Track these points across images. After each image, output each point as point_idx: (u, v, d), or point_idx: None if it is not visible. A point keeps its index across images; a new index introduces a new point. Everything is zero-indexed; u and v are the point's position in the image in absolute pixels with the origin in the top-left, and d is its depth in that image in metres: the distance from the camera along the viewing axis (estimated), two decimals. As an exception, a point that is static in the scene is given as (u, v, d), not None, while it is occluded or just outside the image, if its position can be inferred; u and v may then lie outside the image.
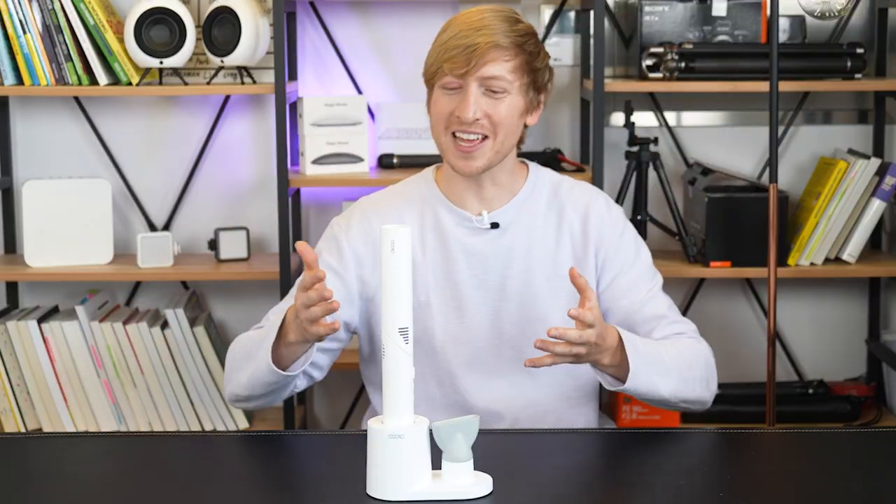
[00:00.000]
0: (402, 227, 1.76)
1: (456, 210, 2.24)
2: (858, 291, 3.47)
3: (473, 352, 2.23)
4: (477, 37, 2.12)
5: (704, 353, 2.22)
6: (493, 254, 2.23)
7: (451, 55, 2.13)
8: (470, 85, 2.14)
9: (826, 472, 1.91)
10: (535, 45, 2.19)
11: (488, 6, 2.20)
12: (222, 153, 3.39)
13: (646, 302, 2.22)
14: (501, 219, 2.24)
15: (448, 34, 2.16)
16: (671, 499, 1.80)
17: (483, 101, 2.15)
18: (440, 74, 2.16)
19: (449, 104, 2.17)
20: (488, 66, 2.13)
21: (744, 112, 3.42)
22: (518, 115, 2.19)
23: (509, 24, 2.16)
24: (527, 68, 2.17)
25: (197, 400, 3.20)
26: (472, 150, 2.16)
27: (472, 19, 2.16)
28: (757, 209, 3.15)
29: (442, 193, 2.26)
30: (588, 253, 2.24)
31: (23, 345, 3.16)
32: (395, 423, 1.76)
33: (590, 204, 2.27)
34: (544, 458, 1.96)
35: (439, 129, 2.19)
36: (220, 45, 3.12)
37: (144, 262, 3.18)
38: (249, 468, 1.97)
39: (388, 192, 2.34)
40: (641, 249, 2.30)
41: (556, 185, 2.29)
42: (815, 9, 3.36)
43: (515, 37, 2.15)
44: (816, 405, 3.28)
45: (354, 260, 2.24)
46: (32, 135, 3.38)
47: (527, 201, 2.26)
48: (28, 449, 2.01)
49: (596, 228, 2.25)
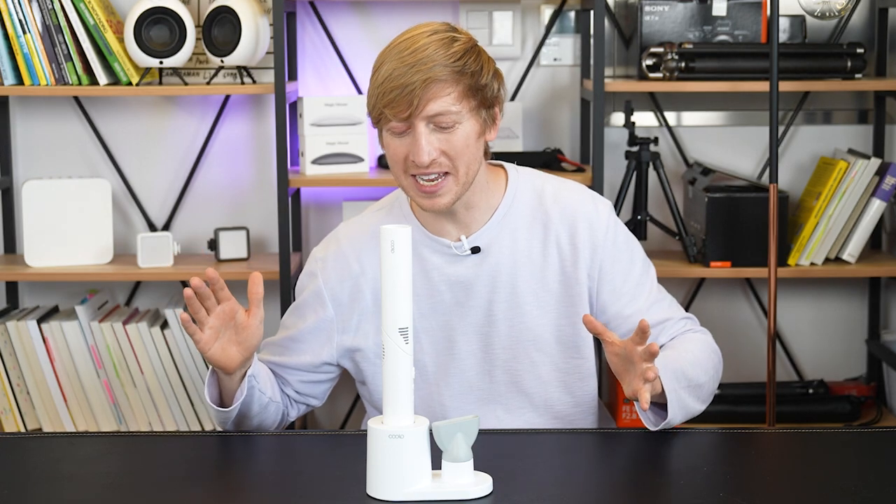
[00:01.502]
0: (402, 227, 1.75)
1: (433, 238, 2.16)
2: (858, 291, 3.47)
3: (465, 381, 2.19)
4: (412, 75, 2.01)
5: (711, 345, 2.20)
6: (477, 278, 2.16)
7: (389, 99, 2.02)
8: (417, 127, 2.03)
9: (826, 472, 1.91)
10: (475, 61, 2.06)
11: (423, 29, 2.07)
12: (222, 153, 3.40)
13: (649, 308, 2.19)
14: (482, 241, 2.16)
15: (383, 74, 2.04)
16: (671, 499, 1.80)
17: (434, 138, 2.04)
18: (384, 119, 2.06)
19: (401, 148, 2.07)
20: (430, 105, 2.02)
21: (744, 112, 3.42)
22: (475, 139, 2.08)
23: (444, 49, 2.03)
24: (471, 91, 2.05)
25: (197, 400, 3.20)
26: (436, 189, 2.07)
27: (404, 52, 2.03)
28: (757, 209, 3.15)
29: (418, 221, 2.18)
30: (579, 267, 2.16)
31: (23, 345, 3.16)
32: (395, 423, 1.76)
33: (578, 211, 2.17)
34: (544, 458, 1.96)
35: (398, 171, 2.10)
36: (220, 45, 3.13)
37: (144, 262, 3.18)
38: (249, 468, 1.97)
39: (364, 223, 2.23)
40: (634, 247, 2.23)
41: (539, 191, 2.20)
42: (815, 9, 3.36)
43: (452, 62, 2.02)
44: (816, 405, 3.27)
45: (332, 298, 2.20)
46: (32, 135, 3.38)
47: (507, 216, 2.17)
48: (28, 449, 2.01)
49: (586, 240, 2.17)
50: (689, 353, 2.13)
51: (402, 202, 2.23)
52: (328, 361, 2.22)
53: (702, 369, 2.12)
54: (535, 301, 2.17)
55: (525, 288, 2.16)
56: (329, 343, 2.21)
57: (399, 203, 2.24)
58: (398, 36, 2.10)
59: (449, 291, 2.17)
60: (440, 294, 2.17)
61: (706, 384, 2.12)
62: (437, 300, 2.17)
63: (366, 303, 2.19)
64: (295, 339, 2.23)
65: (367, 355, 2.20)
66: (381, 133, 2.11)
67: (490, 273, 2.16)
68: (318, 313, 2.20)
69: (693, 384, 2.08)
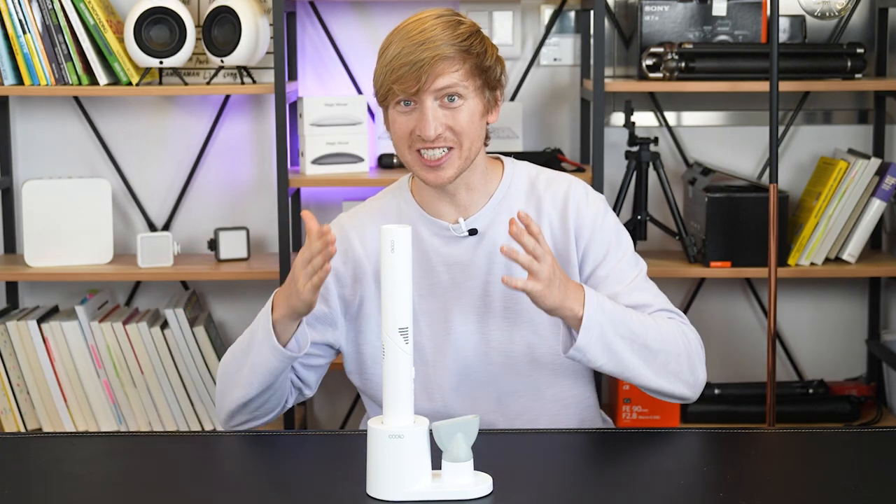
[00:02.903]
0: (402, 227, 1.76)
1: (432, 220, 2.22)
2: (858, 291, 3.47)
3: (462, 362, 2.20)
4: (421, 52, 2.09)
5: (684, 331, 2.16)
6: (474, 260, 2.20)
7: (398, 75, 2.10)
8: (425, 101, 2.11)
9: (826, 472, 1.91)
10: (480, 43, 2.15)
11: (428, 13, 2.15)
12: (222, 153, 3.40)
13: (630, 291, 2.19)
14: (479, 223, 2.21)
15: (391, 53, 2.12)
16: (671, 499, 1.80)
17: (441, 113, 2.12)
18: (392, 96, 2.13)
19: (408, 123, 2.14)
20: (439, 79, 2.10)
21: (744, 112, 3.42)
22: (479, 118, 2.16)
23: (451, 30, 2.12)
24: (477, 71, 2.14)
25: (197, 400, 3.20)
26: (440, 163, 2.14)
27: (412, 33, 2.12)
28: (757, 209, 3.15)
29: (417, 204, 2.24)
30: (569, 246, 2.21)
31: (23, 345, 3.16)
32: (395, 423, 1.76)
33: (568, 194, 2.23)
34: (544, 458, 1.96)
35: (402, 147, 2.17)
36: (220, 45, 3.13)
37: (144, 262, 3.18)
38: (249, 468, 1.97)
39: (366, 208, 2.31)
40: (622, 236, 2.24)
41: (532, 178, 2.26)
42: (815, 9, 3.36)
43: (459, 42, 2.11)
44: (816, 405, 3.28)
45: (336, 281, 2.23)
46: (32, 135, 3.38)
47: (503, 201, 2.23)
48: (28, 449, 2.01)
49: (574, 219, 2.21)
50: (646, 318, 2.13)
51: (402, 187, 2.29)
52: (331, 343, 2.23)
53: (656, 337, 2.10)
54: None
55: (520, 269, 2.18)
56: (333, 324, 2.22)
57: (400, 188, 2.29)
58: (404, 21, 2.17)
59: (447, 272, 2.20)
60: (438, 275, 2.21)
61: (658, 352, 2.09)
62: (434, 281, 2.21)
63: (368, 284, 2.21)
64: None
65: (369, 337, 2.22)
66: (387, 112, 2.17)
67: (486, 255, 2.20)
68: (323, 294, 2.21)
69: (637, 341, 2.07)
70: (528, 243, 1.98)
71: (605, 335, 2.05)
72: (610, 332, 2.06)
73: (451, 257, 2.20)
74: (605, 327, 2.05)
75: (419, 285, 2.20)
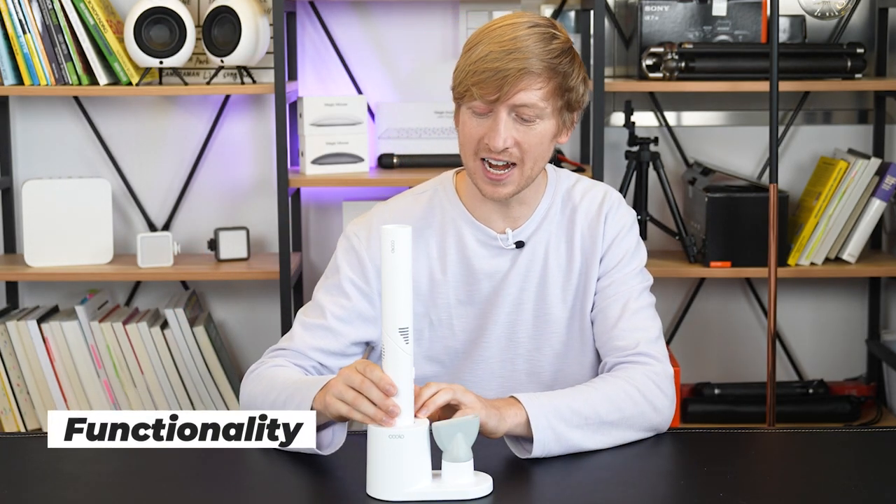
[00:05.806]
0: (402, 228, 1.76)
1: (480, 227, 2.17)
2: (858, 291, 3.47)
3: (488, 368, 2.18)
4: (508, 61, 2.02)
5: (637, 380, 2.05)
6: (514, 270, 2.18)
7: (480, 79, 2.03)
8: (500, 112, 2.05)
9: (826, 472, 1.91)
10: (570, 62, 2.08)
11: (524, 19, 2.09)
12: (222, 153, 3.40)
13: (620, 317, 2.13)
14: (525, 235, 2.18)
15: (478, 53, 2.05)
16: (671, 499, 1.80)
17: (513, 127, 2.06)
18: (469, 97, 2.06)
19: (478, 129, 2.08)
20: (520, 95, 2.04)
21: (744, 112, 3.42)
22: (549, 139, 2.10)
23: (544, 45, 2.05)
24: (560, 91, 2.07)
25: (197, 400, 3.20)
26: (502, 178, 2.09)
27: (504, 38, 2.04)
28: (757, 209, 3.15)
29: (465, 207, 2.19)
30: (595, 255, 2.18)
31: (23, 345, 3.16)
32: (395, 423, 1.76)
33: (602, 205, 2.19)
34: (544, 458, 1.96)
35: (468, 152, 2.11)
36: (220, 45, 3.13)
37: (144, 262, 3.18)
38: (249, 468, 1.97)
39: (406, 202, 2.23)
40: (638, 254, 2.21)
41: (570, 188, 2.22)
42: (815, 9, 3.36)
43: (549, 59, 2.04)
44: (816, 405, 3.28)
45: (377, 276, 2.16)
46: (32, 135, 3.38)
47: (547, 214, 2.20)
48: (28, 449, 2.01)
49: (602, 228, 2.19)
50: (590, 393, 2.03)
51: (446, 186, 2.22)
52: (370, 341, 2.19)
53: (608, 407, 2.00)
54: (560, 294, 2.18)
55: (552, 281, 2.18)
56: (375, 323, 2.16)
57: (444, 186, 2.23)
58: (497, 20, 2.11)
59: (488, 282, 2.18)
60: (479, 283, 2.18)
61: (617, 420, 2.00)
62: (475, 289, 2.18)
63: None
64: (342, 319, 2.16)
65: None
66: (459, 109, 2.12)
67: (524, 266, 2.19)
68: (363, 289, 2.17)
69: (591, 421, 1.97)
70: (439, 403, 1.86)
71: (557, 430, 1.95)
72: (562, 427, 1.95)
73: (494, 268, 2.17)
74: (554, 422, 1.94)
75: (459, 291, 2.17)
